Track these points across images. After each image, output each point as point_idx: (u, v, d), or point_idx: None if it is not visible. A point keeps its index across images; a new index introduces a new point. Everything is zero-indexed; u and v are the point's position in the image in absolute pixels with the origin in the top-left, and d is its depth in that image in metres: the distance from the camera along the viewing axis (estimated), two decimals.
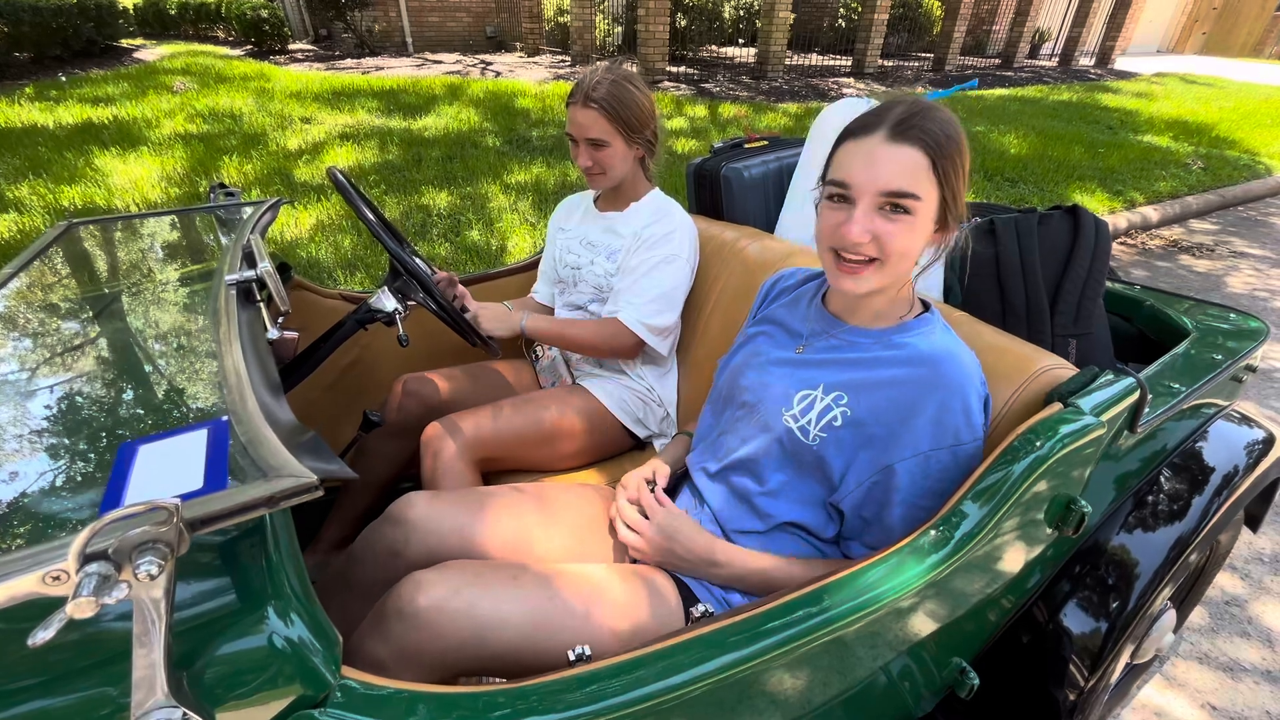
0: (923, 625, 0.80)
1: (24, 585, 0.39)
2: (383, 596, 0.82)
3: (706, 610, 0.86)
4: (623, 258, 1.38)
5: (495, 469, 1.30)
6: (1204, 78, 11.01)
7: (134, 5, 9.10)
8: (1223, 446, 1.16)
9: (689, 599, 0.89)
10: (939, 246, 0.83)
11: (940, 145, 0.75)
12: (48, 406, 0.65)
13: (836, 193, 0.79)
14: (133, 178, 3.73)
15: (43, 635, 0.38)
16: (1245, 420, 1.24)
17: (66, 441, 0.60)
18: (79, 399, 0.67)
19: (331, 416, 1.51)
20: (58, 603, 0.39)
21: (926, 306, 0.90)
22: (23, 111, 4.89)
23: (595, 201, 1.50)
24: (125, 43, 7.97)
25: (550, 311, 1.58)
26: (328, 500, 1.37)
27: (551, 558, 0.96)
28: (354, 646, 0.80)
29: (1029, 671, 1.03)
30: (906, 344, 0.84)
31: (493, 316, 1.27)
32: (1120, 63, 12.03)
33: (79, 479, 0.55)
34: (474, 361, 1.55)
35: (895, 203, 0.75)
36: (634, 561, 0.96)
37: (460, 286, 1.35)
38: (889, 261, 0.78)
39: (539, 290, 1.61)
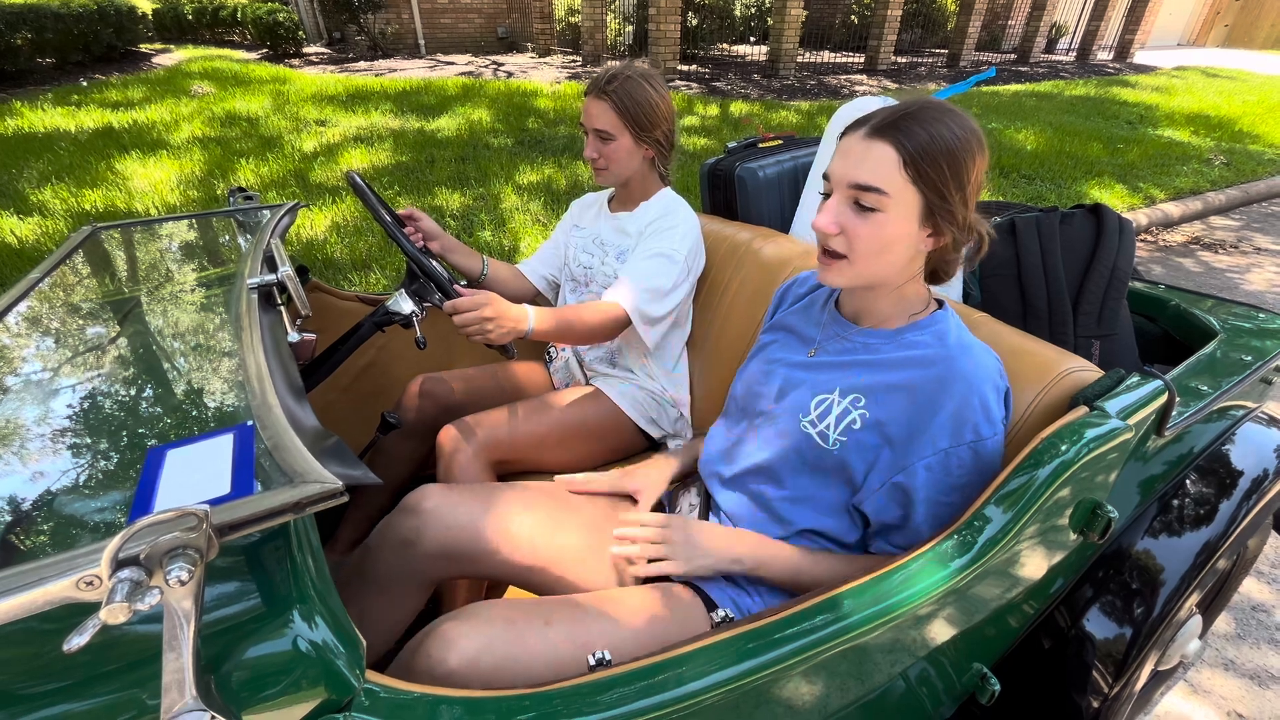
0: (943, 631, 0.80)
1: (59, 590, 0.40)
2: (409, 646, 0.79)
3: (726, 615, 0.85)
4: (629, 257, 1.37)
5: (510, 470, 1.31)
6: (1226, 71, 10.80)
7: (152, 10, 9.24)
8: (1251, 450, 1.14)
9: (709, 605, 0.88)
10: (936, 250, 0.81)
11: (918, 144, 0.74)
12: (76, 410, 0.66)
13: (824, 189, 0.82)
14: (153, 181, 3.79)
15: (77, 641, 0.39)
16: (1274, 422, 1.21)
17: (95, 445, 0.61)
18: (106, 402, 0.68)
19: (349, 418, 1.52)
20: (90, 607, 0.40)
21: (940, 304, 0.89)
22: (46, 116, 4.99)
23: (609, 202, 1.50)
24: (144, 47, 8.11)
25: (535, 290, 1.58)
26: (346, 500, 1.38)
27: (564, 556, 0.96)
28: None
29: (1051, 677, 1.02)
30: (920, 342, 0.84)
31: (505, 335, 1.10)
32: (1139, 56, 11.83)
33: (109, 482, 0.56)
34: (489, 362, 1.55)
35: (860, 198, 0.76)
36: (649, 580, 0.96)
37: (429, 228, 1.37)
38: (855, 258, 0.79)
39: (530, 265, 1.57)
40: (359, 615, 0.85)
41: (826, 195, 0.81)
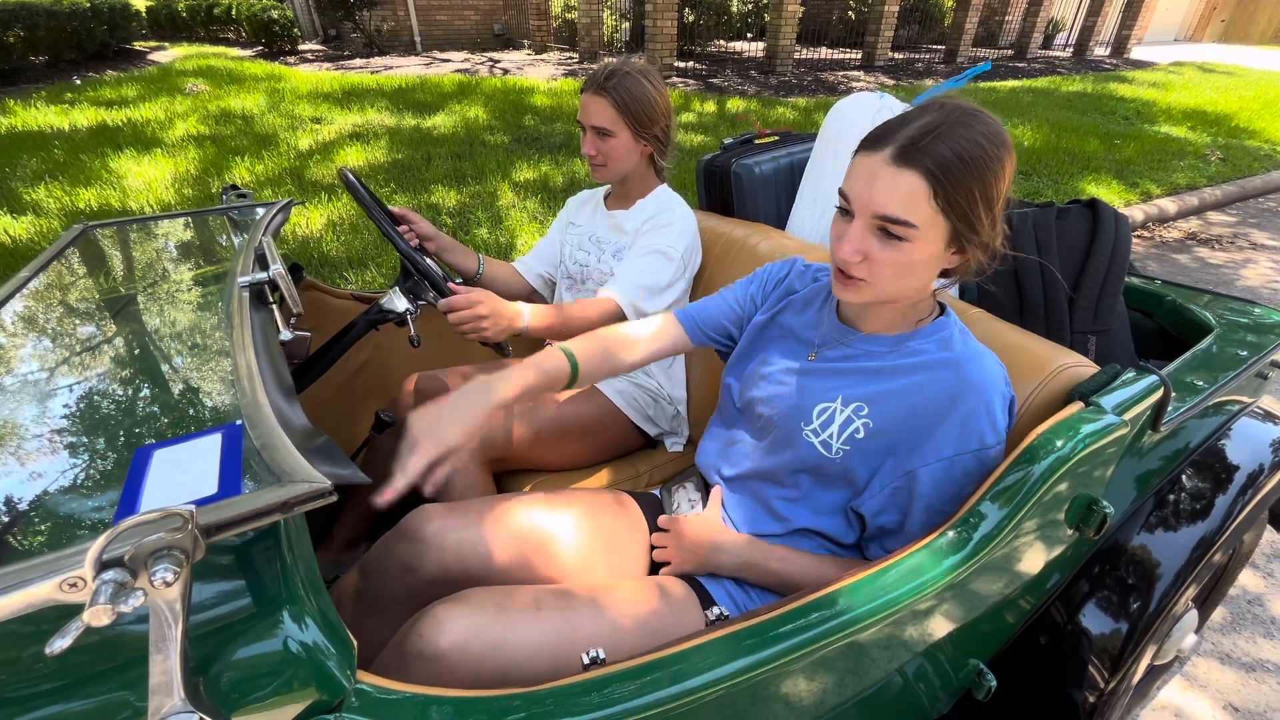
0: (940, 627, 0.79)
1: (42, 592, 0.39)
2: (402, 629, 0.79)
3: (722, 613, 0.85)
4: (626, 255, 1.37)
5: (506, 469, 1.30)
6: (1223, 66, 10.81)
7: (146, 8, 9.20)
8: (1247, 445, 1.14)
9: (706, 601, 0.88)
10: (961, 267, 0.79)
11: (949, 171, 0.69)
12: (63, 409, 0.66)
13: (842, 204, 0.77)
14: (147, 179, 3.77)
15: (60, 643, 0.39)
16: (1269, 417, 1.21)
17: (82, 444, 0.61)
18: (94, 401, 0.67)
19: (344, 417, 1.52)
20: (74, 609, 0.39)
21: (943, 309, 0.88)
22: (39, 115, 4.95)
23: (605, 199, 1.49)
24: (138, 45, 8.07)
25: (531, 288, 1.57)
26: (339, 500, 1.37)
27: (570, 571, 0.94)
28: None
29: (1047, 673, 1.02)
30: (924, 349, 0.82)
31: (500, 332, 1.14)
32: (1136, 52, 11.84)
33: (95, 482, 0.56)
34: (485, 361, 1.55)
35: (887, 228, 0.72)
36: (654, 572, 0.96)
37: (425, 227, 1.36)
38: (877, 283, 0.76)
39: (526, 263, 1.57)
40: (355, 635, 0.85)
41: (843, 210, 0.77)
